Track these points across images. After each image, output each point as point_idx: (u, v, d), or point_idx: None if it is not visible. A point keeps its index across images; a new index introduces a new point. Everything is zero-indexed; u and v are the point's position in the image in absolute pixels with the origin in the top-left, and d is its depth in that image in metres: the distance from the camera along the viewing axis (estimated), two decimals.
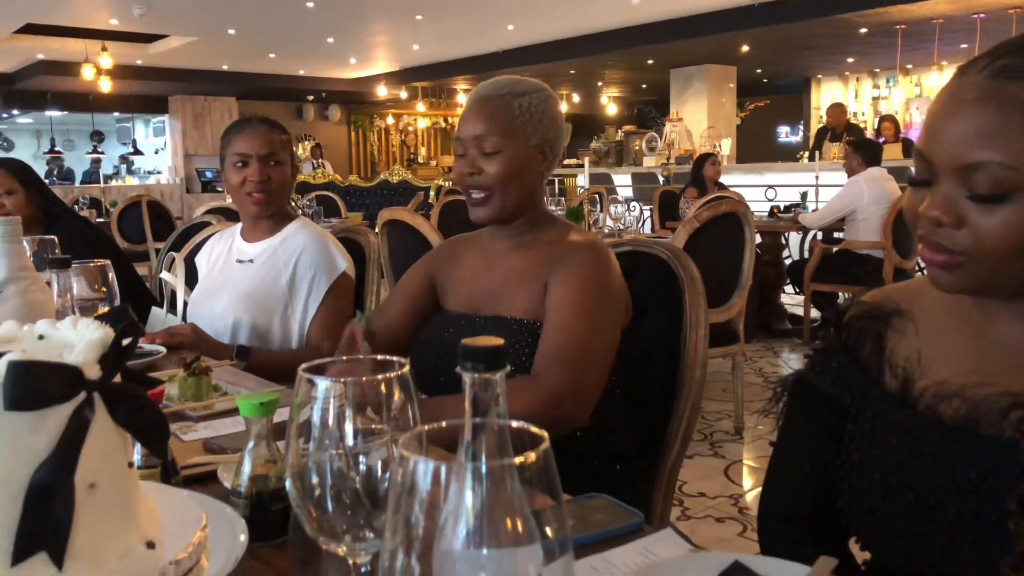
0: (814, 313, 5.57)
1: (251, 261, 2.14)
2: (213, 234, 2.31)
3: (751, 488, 3.27)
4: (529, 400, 1.32)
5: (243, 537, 0.75)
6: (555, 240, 1.55)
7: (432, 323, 1.64)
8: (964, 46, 10.83)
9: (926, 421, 0.91)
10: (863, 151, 5.38)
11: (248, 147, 2.10)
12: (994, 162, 0.81)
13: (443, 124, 17.72)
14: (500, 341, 0.55)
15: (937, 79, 11.24)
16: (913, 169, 0.91)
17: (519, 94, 1.51)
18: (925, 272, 0.94)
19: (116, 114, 16.84)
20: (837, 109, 9.50)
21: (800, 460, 1.05)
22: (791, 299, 6.36)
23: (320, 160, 14.06)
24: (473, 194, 1.52)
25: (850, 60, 12.87)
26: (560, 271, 1.47)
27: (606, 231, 4.81)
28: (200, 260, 2.32)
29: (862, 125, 13.72)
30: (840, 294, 5.44)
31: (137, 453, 0.95)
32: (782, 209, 6.41)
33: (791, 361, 5.33)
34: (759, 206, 6.75)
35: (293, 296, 2.07)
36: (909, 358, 0.95)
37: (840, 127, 9.13)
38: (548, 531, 0.50)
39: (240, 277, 2.13)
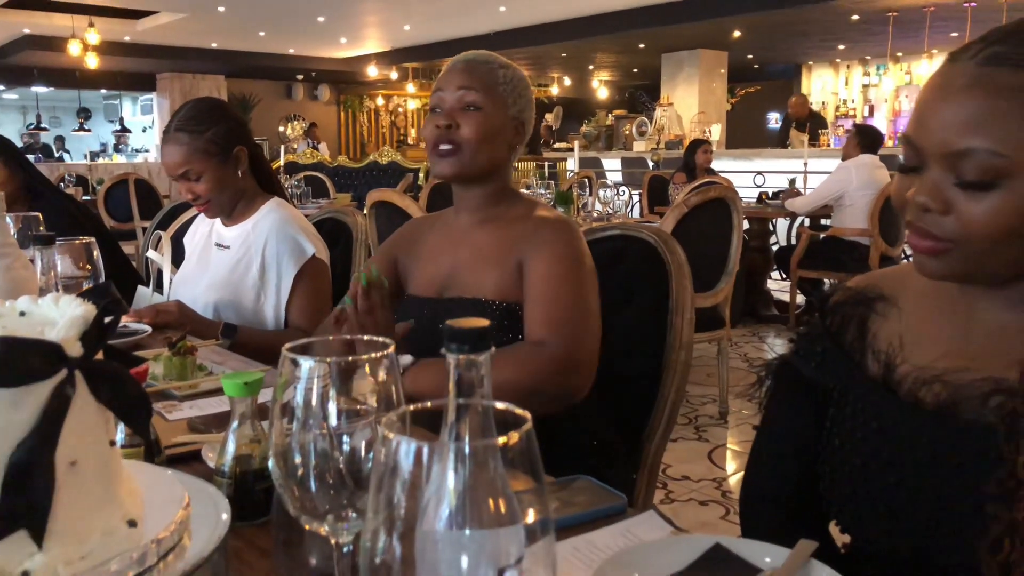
0: (800, 299, 5.60)
1: (228, 247, 2.12)
2: (198, 214, 2.28)
3: (734, 472, 3.29)
4: (534, 369, 1.34)
5: (225, 516, 0.75)
6: (523, 216, 1.53)
7: (396, 313, 1.57)
8: (955, 34, 10.84)
9: (907, 405, 0.92)
10: (861, 136, 5.38)
11: (167, 168, 2.07)
12: (982, 149, 0.81)
13: None
14: (485, 322, 0.55)
15: (927, 67, 11.25)
16: (902, 156, 0.91)
17: (503, 65, 1.55)
18: (911, 258, 0.95)
19: (103, 91, 16.70)
20: (800, 99, 10.15)
21: (783, 444, 1.06)
22: (778, 285, 6.38)
23: (316, 141, 13.97)
24: (442, 146, 1.50)
25: (841, 47, 12.88)
26: (535, 249, 1.46)
27: (595, 215, 4.81)
28: (186, 241, 2.31)
29: (851, 112, 13.78)
30: (826, 280, 5.46)
31: (121, 432, 0.94)
32: (770, 195, 6.42)
33: (776, 347, 5.36)
34: (748, 192, 6.76)
35: (264, 282, 2.05)
36: (891, 343, 0.95)
37: (803, 116, 9.71)
38: (530, 512, 0.50)
39: (218, 262, 2.12)
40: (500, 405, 0.52)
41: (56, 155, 15.34)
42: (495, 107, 1.50)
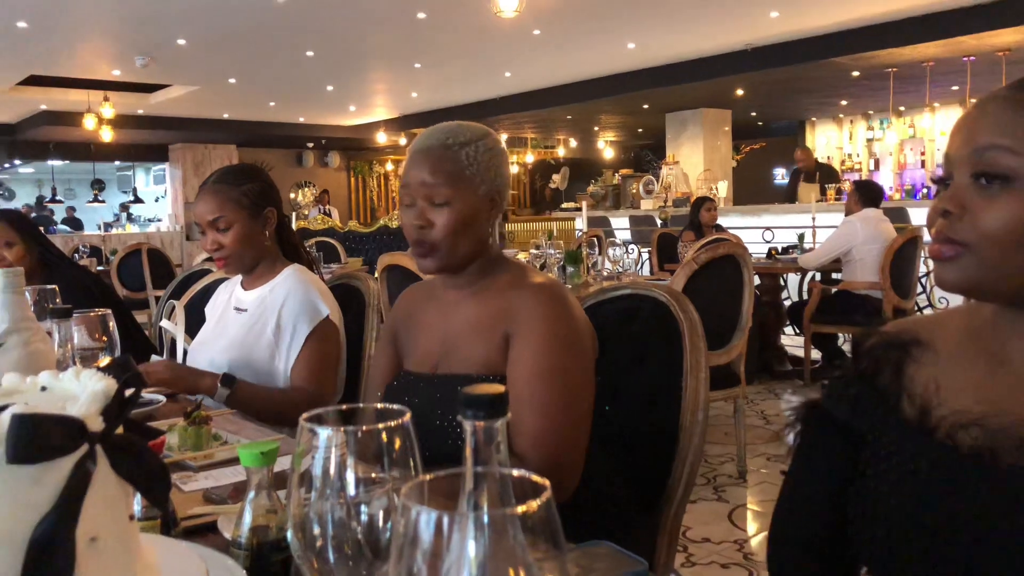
0: (815, 354, 5.56)
1: (245, 310, 2.14)
2: (215, 281, 2.31)
3: (756, 533, 3.23)
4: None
5: None
6: (510, 285, 1.48)
7: (392, 387, 1.56)
8: (955, 88, 10.96)
9: (945, 449, 0.91)
10: (862, 192, 5.43)
11: (198, 215, 2.12)
12: (1000, 145, 0.86)
13: None
14: (501, 388, 0.55)
15: (930, 120, 11.39)
16: (934, 180, 0.96)
17: (465, 143, 1.46)
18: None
19: (117, 162, 17.00)
20: (805, 152, 10.51)
21: (815, 488, 1.05)
22: (791, 340, 6.35)
23: (327, 206, 14.14)
24: (416, 247, 1.47)
25: (843, 103, 13.02)
26: (520, 326, 1.40)
27: (605, 274, 4.82)
28: (207, 309, 2.33)
29: (857, 166, 13.88)
30: (841, 335, 5.44)
31: (137, 504, 0.94)
32: (780, 251, 6.43)
33: (794, 403, 5.30)
34: (757, 248, 6.79)
35: (279, 343, 2.06)
36: (927, 387, 0.95)
37: (811, 168, 10.03)
38: None
39: (234, 325, 2.14)
40: (517, 472, 0.52)
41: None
42: (465, 196, 1.44)
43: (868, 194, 5.40)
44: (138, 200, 16.48)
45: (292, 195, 16.13)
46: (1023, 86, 0.89)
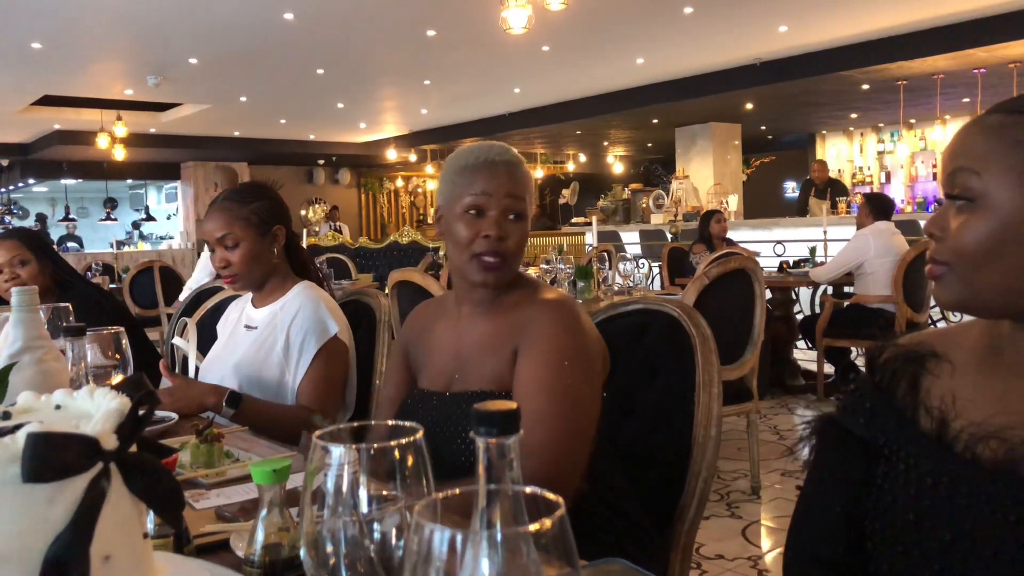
0: (828, 368, 5.53)
1: (256, 327, 2.15)
2: (227, 299, 2.31)
3: (770, 549, 3.21)
4: None
5: None
6: (521, 301, 1.48)
7: (406, 404, 1.55)
8: (966, 100, 10.94)
9: (964, 462, 0.90)
10: (872, 205, 5.41)
11: (207, 233, 2.13)
12: (963, 168, 0.93)
13: None
14: (513, 405, 0.55)
15: (941, 133, 11.36)
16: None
17: (523, 164, 1.50)
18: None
19: (129, 181, 17.11)
20: (821, 166, 10.86)
21: (831, 502, 1.04)
22: (804, 355, 6.32)
23: (337, 223, 14.21)
24: (489, 258, 1.43)
25: (853, 116, 13.02)
26: (529, 339, 1.40)
27: (616, 288, 4.81)
28: (219, 326, 2.34)
29: (868, 180, 13.85)
30: (853, 348, 5.41)
31: (149, 521, 0.94)
32: (791, 264, 6.41)
33: (808, 417, 5.27)
34: (768, 261, 6.77)
35: (288, 360, 2.06)
36: (944, 400, 0.95)
37: (822, 182, 10.27)
38: None
39: (245, 343, 2.14)
40: (529, 490, 0.52)
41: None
42: (529, 213, 1.48)
43: (879, 207, 5.38)
44: (150, 218, 16.58)
45: (303, 212, 16.20)
46: (992, 111, 0.94)
